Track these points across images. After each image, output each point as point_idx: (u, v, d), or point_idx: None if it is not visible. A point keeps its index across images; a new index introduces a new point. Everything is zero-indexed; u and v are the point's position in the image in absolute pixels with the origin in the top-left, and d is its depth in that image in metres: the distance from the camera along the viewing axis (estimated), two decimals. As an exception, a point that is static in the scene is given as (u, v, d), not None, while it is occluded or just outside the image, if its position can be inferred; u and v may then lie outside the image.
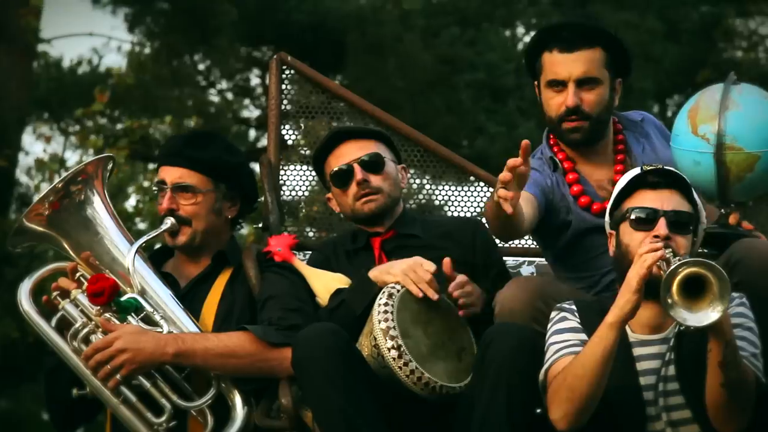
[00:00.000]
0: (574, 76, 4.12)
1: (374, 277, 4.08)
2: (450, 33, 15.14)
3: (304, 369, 3.85)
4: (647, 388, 3.71)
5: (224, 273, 4.36)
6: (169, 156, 4.37)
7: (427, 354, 3.91)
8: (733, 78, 4.08)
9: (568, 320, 3.77)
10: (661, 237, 3.66)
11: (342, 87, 5.34)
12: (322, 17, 14.17)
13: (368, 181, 4.32)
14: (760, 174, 3.96)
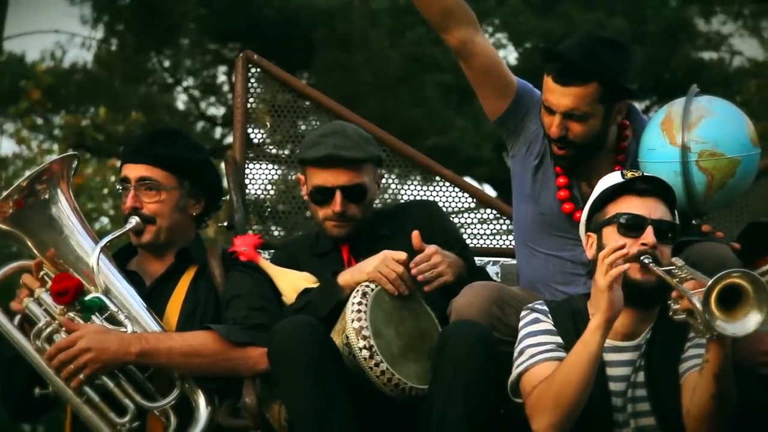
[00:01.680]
0: (561, 109, 4.09)
1: (345, 282, 4.07)
2: (416, 32, 15.15)
3: (280, 360, 3.86)
4: (617, 394, 3.72)
5: (189, 271, 4.34)
6: (132, 153, 4.34)
7: (398, 355, 3.92)
8: (696, 90, 4.10)
9: (542, 322, 3.77)
10: (649, 245, 3.67)
11: (308, 86, 5.33)
12: (291, 14, 14.14)
13: (345, 211, 4.29)
14: (739, 179, 4.01)
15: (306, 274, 4.28)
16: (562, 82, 4.07)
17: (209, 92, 16.15)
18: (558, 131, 4.08)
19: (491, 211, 5.28)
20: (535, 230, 4.26)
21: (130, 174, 4.30)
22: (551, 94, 4.10)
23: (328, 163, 4.30)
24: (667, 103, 4.22)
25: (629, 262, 3.62)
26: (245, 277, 4.28)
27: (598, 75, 4.07)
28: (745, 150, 3.99)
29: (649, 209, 3.72)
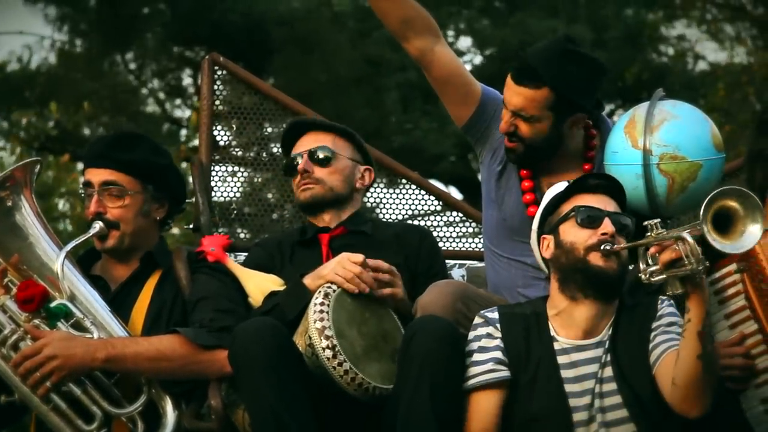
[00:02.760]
0: (510, 106, 4.15)
1: (308, 283, 4.08)
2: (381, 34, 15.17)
3: (239, 362, 3.85)
4: (577, 394, 3.76)
5: (154, 275, 4.34)
6: (95, 158, 4.33)
7: (361, 354, 3.93)
8: (660, 94, 4.13)
9: (490, 337, 3.83)
10: (608, 234, 3.75)
11: (274, 88, 5.33)
12: (255, 18, 14.13)
13: (309, 172, 4.36)
14: (701, 183, 4.02)
15: (273, 276, 4.28)
16: (516, 81, 4.13)
17: (175, 94, 16.11)
18: (506, 126, 4.15)
19: (457, 214, 5.30)
20: (499, 235, 4.30)
21: (93, 178, 4.29)
22: (507, 90, 4.16)
23: (295, 130, 4.48)
24: (631, 107, 4.25)
25: (592, 252, 3.73)
26: (211, 279, 4.28)
27: (550, 83, 4.11)
28: (708, 154, 4.02)
29: (603, 203, 3.81)
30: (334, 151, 4.41)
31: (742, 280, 3.96)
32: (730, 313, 4.01)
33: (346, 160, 4.43)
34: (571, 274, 3.78)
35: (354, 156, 4.47)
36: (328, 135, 4.45)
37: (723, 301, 4.02)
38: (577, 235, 3.78)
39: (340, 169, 4.41)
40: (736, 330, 3.98)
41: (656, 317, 3.80)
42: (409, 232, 4.45)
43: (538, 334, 3.82)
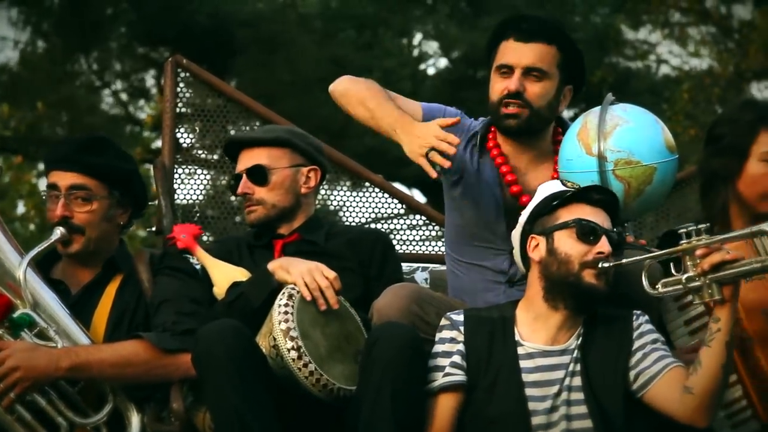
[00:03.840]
0: (523, 64, 4.12)
1: (273, 269, 4.06)
2: (347, 36, 15.19)
3: (202, 364, 3.84)
4: (539, 399, 3.76)
5: (115, 279, 4.32)
6: (61, 160, 4.28)
7: (325, 356, 3.92)
8: (611, 99, 4.14)
9: (453, 342, 3.83)
10: (605, 254, 3.74)
11: (238, 91, 5.32)
12: (221, 20, 14.11)
13: (249, 194, 4.35)
14: (657, 186, 4.03)
15: (241, 268, 4.26)
16: (525, 38, 4.13)
17: (138, 96, 16.06)
18: (517, 84, 4.11)
19: (421, 217, 5.30)
20: (459, 241, 4.30)
21: (59, 181, 4.25)
22: (511, 54, 4.14)
23: (233, 148, 4.46)
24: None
25: (587, 269, 3.73)
26: (173, 280, 4.27)
27: (561, 39, 4.16)
28: (661, 157, 4.03)
29: (602, 219, 3.80)
30: (270, 166, 4.36)
31: None
32: (690, 319, 4.03)
33: (284, 171, 4.38)
34: (560, 285, 3.78)
35: (294, 161, 4.41)
36: (263, 150, 4.39)
37: (683, 308, 4.04)
38: (574, 248, 3.76)
39: (279, 183, 4.37)
40: (695, 336, 4.00)
41: (636, 333, 3.80)
42: (363, 236, 4.42)
43: (503, 338, 3.83)
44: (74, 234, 4.24)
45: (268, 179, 4.35)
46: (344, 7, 15.39)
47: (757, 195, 4.06)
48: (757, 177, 4.05)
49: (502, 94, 4.14)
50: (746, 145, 4.04)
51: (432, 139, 3.96)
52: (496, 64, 4.17)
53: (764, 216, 3.99)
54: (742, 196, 4.06)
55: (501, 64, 4.15)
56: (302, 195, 4.40)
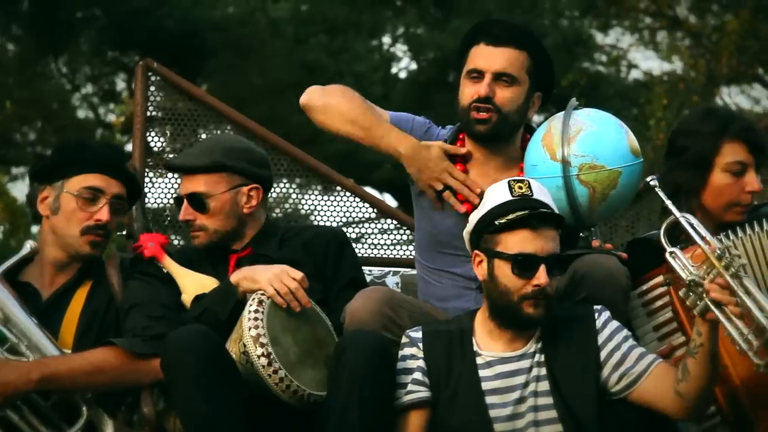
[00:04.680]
0: (493, 69, 4.12)
1: (237, 281, 4.05)
2: (317, 41, 15.20)
3: (171, 370, 3.82)
4: (508, 404, 3.77)
5: (86, 283, 4.30)
6: (111, 167, 4.31)
7: (295, 362, 3.92)
8: (575, 103, 4.15)
9: (414, 358, 3.84)
10: (541, 286, 3.73)
11: (208, 95, 5.32)
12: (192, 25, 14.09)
13: (189, 221, 4.33)
14: (622, 189, 4.04)
15: (210, 276, 4.25)
16: (496, 43, 4.13)
17: (108, 99, 16.01)
18: (487, 89, 4.10)
19: (392, 221, 5.31)
20: (429, 248, 4.30)
21: (107, 188, 4.28)
22: (482, 58, 4.14)
23: (173, 171, 4.54)
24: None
25: (526, 300, 3.73)
26: (144, 285, 4.25)
27: (531, 45, 4.16)
28: (626, 161, 4.03)
29: (541, 243, 3.75)
30: (208, 193, 4.32)
31: (669, 293, 4.01)
32: (659, 325, 4.05)
33: (222, 195, 4.33)
34: (502, 310, 3.79)
35: (233, 183, 4.35)
36: (199, 177, 4.33)
37: (651, 313, 4.06)
38: (512, 282, 3.74)
39: (219, 208, 4.32)
40: (664, 342, 4.02)
41: (603, 331, 3.81)
42: (316, 237, 4.38)
43: (461, 350, 3.83)
44: (106, 240, 4.29)
45: (206, 207, 4.31)
46: (315, 11, 15.40)
47: (721, 205, 4.08)
48: (721, 188, 4.08)
49: (472, 99, 4.14)
50: (710, 157, 4.07)
51: (446, 176, 4.11)
52: (467, 69, 4.17)
53: (727, 225, 4.02)
54: (707, 207, 4.09)
55: (471, 69, 4.15)
56: (245, 215, 4.35)
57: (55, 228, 4.27)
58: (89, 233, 4.24)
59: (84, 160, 4.31)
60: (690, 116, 4.26)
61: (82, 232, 4.24)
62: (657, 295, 4.04)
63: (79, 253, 4.26)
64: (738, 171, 4.07)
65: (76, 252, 4.26)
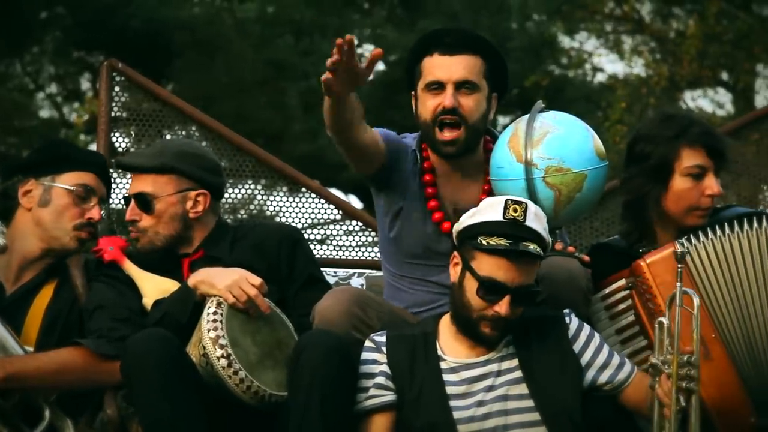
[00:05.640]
0: (454, 78, 4.09)
1: (195, 285, 4.04)
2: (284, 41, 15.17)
3: (132, 375, 3.81)
4: (471, 406, 3.77)
5: (51, 282, 4.28)
6: (103, 170, 4.35)
7: (256, 363, 3.91)
8: (540, 106, 4.15)
9: (376, 363, 3.85)
10: (502, 314, 3.73)
11: (174, 95, 5.30)
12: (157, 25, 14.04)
13: (136, 220, 4.32)
14: (587, 192, 4.05)
15: (171, 279, 4.24)
16: (451, 51, 4.10)
17: (73, 99, 15.94)
18: (452, 100, 4.08)
19: (357, 223, 5.31)
20: (399, 259, 4.28)
21: (99, 189, 4.31)
22: (440, 69, 4.10)
23: (123, 169, 4.49)
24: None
25: (483, 321, 3.75)
26: (108, 287, 4.24)
27: (484, 48, 4.14)
28: (591, 164, 4.04)
29: (513, 275, 3.73)
30: (155, 194, 4.30)
31: (631, 296, 4.03)
32: (621, 328, 4.07)
33: (169, 198, 4.31)
34: (460, 319, 3.81)
35: (181, 187, 4.33)
36: (148, 177, 4.32)
37: (614, 317, 4.08)
38: (475, 300, 3.75)
39: (163, 210, 4.30)
40: (627, 345, 4.05)
41: (574, 336, 3.84)
42: (268, 238, 4.35)
43: (425, 354, 3.84)
44: (93, 240, 4.30)
45: (152, 207, 4.30)
46: (281, 11, 15.38)
47: (682, 210, 4.10)
48: (682, 192, 4.10)
49: (436, 111, 4.11)
50: (670, 162, 4.09)
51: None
52: (426, 82, 4.13)
53: (688, 229, 4.05)
54: (668, 211, 4.11)
55: (431, 81, 4.11)
56: (191, 219, 4.33)
57: (41, 220, 4.25)
58: (81, 230, 4.25)
59: (77, 158, 4.32)
60: (649, 122, 4.28)
61: (75, 228, 4.24)
62: (619, 298, 4.06)
63: (64, 247, 4.26)
64: (697, 175, 4.09)
65: (62, 246, 4.25)
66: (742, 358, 3.91)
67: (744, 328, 3.92)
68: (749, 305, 3.92)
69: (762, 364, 3.92)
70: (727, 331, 3.90)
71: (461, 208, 4.12)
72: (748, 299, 3.92)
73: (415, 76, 4.17)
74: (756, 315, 3.91)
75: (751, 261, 3.94)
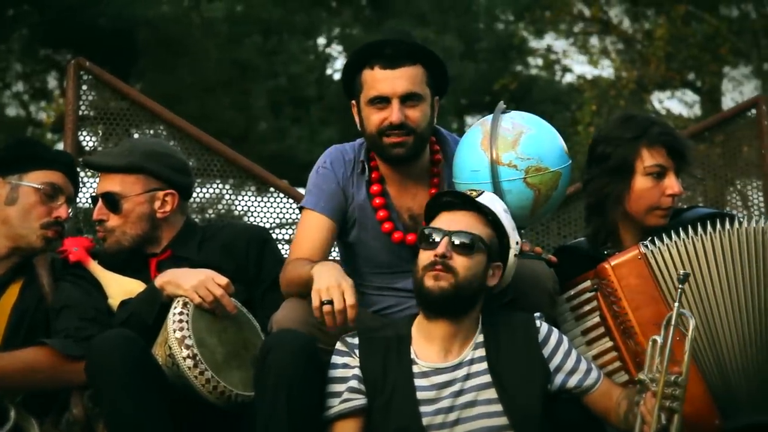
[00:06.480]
0: (399, 92, 4.07)
1: (161, 285, 4.03)
2: (251, 41, 15.16)
3: (97, 376, 3.80)
4: (442, 411, 3.76)
5: (17, 281, 4.26)
6: (71, 169, 4.33)
7: (222, 363, 3.91)
8: (502, 107, 4.17)
9: (347, 367, 3.84)
10: (439, 254, 3.75)
11: (141, 94, 5.29)
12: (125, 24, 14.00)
13: (103, 220, 4.31)
14: (560, 190, 4.07)
15: (137, 280, 4.23)
16: (393, 65, 4.08)
17: (39, 98, 15.87)
18: (399, 116, 4.07)
19: (325, 223, 5.30)
20: (362, 270, 4.27)
21: (66, 188, 4.31)
22: (383, 83, 4.08)
23: (91, 168, 4.47)
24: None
25: (427, 272, 3.76)
26: (75, 286, 4.22)
27: (422, 55, 4.11)
28: (563, 162, 4.06)
29: (452, 223, 3.80)
30: (123, 194, 4.30)
31: (597, 298, 4.05)
32: (587, 329, 4.09)
33: (137, 198, 4.31)
34: (416, 292, 3.82)
35: (149, 186, 4.33)
36: (116, 176, 4.32)
37: (579, 318, 4.10)
38: (420, 257, 3.79)
39: (131, 210, 4.30)
40: (593, 346, 4.06)
41: (544, 340, 3.84)
42: (236, 238, 4.36)
43: (398, 357, 3.83)
44: (60, 239, 4.30)
45: (120, 207, 4.29)
46: (249, 11, 15.36)
47: (644, 209, 4.13)
48: (643, 192, 4.12)
49: (381, 126, 4.09)
50: (631, 162, 4.11)
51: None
52: (369, 97, 4.10)
53: (651, 230, 4.07)
54: (630, 212, 4.13)
55: (375, 97, 4.09)
56: (159, 219, 4.32)
57: (7, 219, 4.24)
58: (48, 228, 4.23)
59: (44, 156, 4.31)
60: (610, 123, 4.31)
61: (42, 227, 4.23)
62: (585, 299, 4.08)
63: (30, 246, 4.24)
64: (658, 174, 4.12)
65: (28, 245, 4.24)
66: (707, 362, 3.92)
67: (709, 331, 3.93)
68: (713, 308, 3.94)
69: (726, 368, 3.93)
70: (694, 335, 3.92)
71: (417, 213, 4.15)
72: (712, 302, 3.94)
73: (355, 88, 4.15)
74: (720, 318, 3.93)
75: (715, 263, 3.96)
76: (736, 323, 3.93)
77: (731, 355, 3.93)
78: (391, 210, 4.20)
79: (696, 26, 15.24)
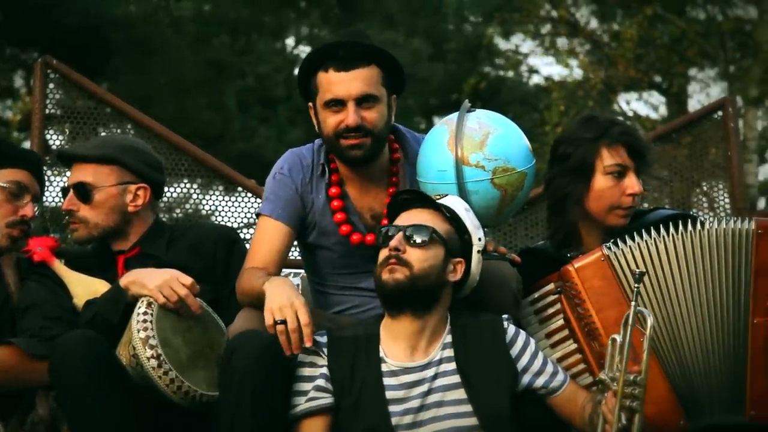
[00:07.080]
0: (354, 95, 4.06)
1: (126, 285, 4.01)
2: (220, 41, 15.14)
3: (60, 377, 3.78)
4: (411, 411, 3.77)
5: (-18, 280, 4.25)
6: (36, 168, 4.33)
7: (186, 363, 3.90)
8: (467, 106, 4.17)
9: (313, 366, 3.84)
10: (392, 248, 3.78)
11: (109, 93, 5.27)
12: (92, 22, 13.94)
13: (73, 210, 4.29)
14: (525, 191, 4.08)
15: (101, 280, 4.21)
16: (346, 67, 4.06)
17: (6, 96, 15.78)
18: (354, 118, 4.06)
19: (293, 223, 5.30)
20: (324, 271, 4.28)
21: (32, 186, 4.30)
22: (338, 86, 4.07)
23: (65, 159, 4.39)
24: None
25: (381, 267, 3.79)
26: (40, 286, 4.21)
27: (377, 56, 4.10)
28: (528, 162, 4.07)
29: (408, 219, 3.84)
30: (95, 184, 4.29)
31: (560, 300, 4.07)
32: (551, 332, 4.10)
33: (109, 189, 4.30)
34: (376, 290, 3.84)
35: (122, 179, 4.32)
36: (89, 167, 4.31)
37: (544, 321, 4.11)
38: (379, 255, 3.83)
39: (102, 201, 4.29)
40: (557, 349, 4.08)
41: (511, 341, 3.85)
42: (205, 238, 4.35)
43: (366, 356, 3.83)
44: (25, 238, 4.29)
45: (91, 197, 4.28)
46: (217, 10, 15.34)
47: (604, 209, 4.15)
48: (603, 191, 4.14)
49: (338, 129, 4.08)
50: (591, 161, 4.13)
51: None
52: (325, 100, 4.09)
53: (612, 230, 4.10)
54: (590, 211, 4.15)
55: (330, 100, 4.08)
56: (130, 213, 4.31)
57: None
58: (14, 227, 4.22)
59: (10, 155, 4.29)
60: (571, 124, 4.33)
61: (7, 225, 4.21)
62: (549, 302, 4.09)
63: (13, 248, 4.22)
64: (618, 173, 4.14)
65: None
66: (670, 363, 3.94)
67: (671, 332, 3.95)
68: (676, 310, 3.95)
69: (689, 369, 3.96)
70: (656, 336, 3.95)
71: (379, 213, 4.16)
72: (675, 303, 3.96)
73: (311, 90, 4.14)
74: (683, 319, 3.95)
75: (677, 265, 3.98)
76: (699, 324, 3.95)
77: (694, 355, 3.95)
78: (351, 212, 4.20)
79: (663, 28, 15.32)
